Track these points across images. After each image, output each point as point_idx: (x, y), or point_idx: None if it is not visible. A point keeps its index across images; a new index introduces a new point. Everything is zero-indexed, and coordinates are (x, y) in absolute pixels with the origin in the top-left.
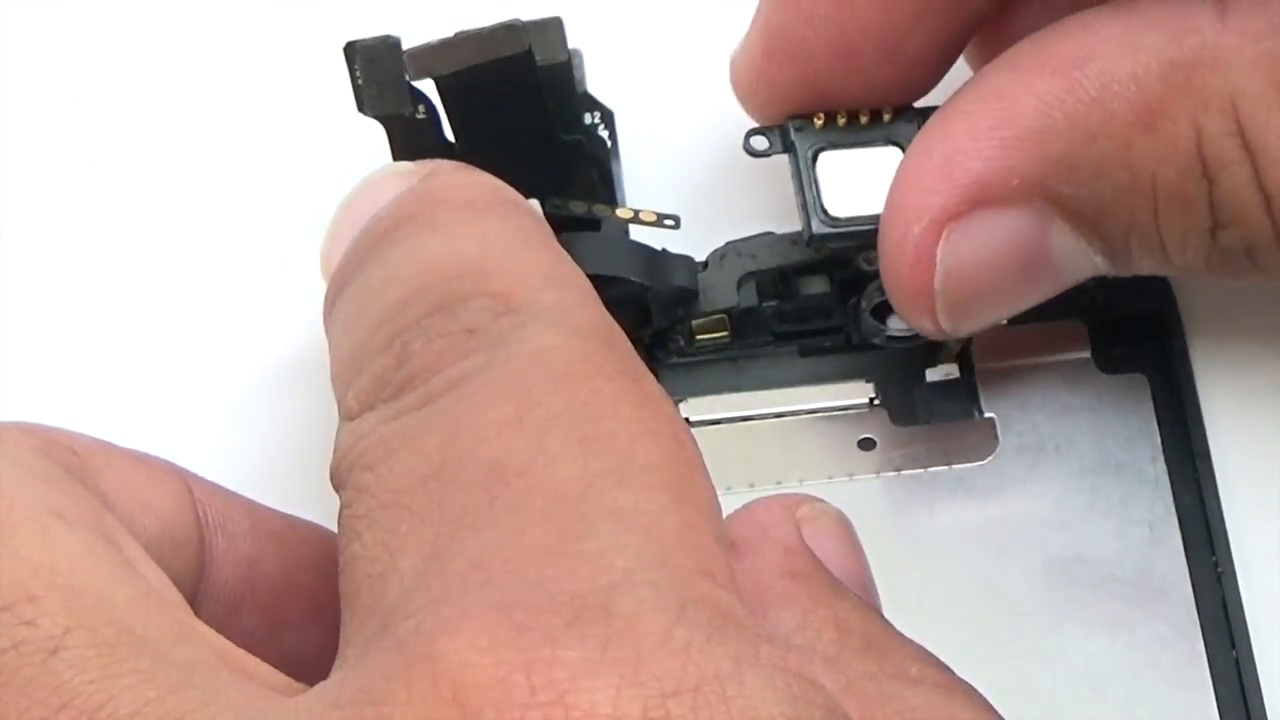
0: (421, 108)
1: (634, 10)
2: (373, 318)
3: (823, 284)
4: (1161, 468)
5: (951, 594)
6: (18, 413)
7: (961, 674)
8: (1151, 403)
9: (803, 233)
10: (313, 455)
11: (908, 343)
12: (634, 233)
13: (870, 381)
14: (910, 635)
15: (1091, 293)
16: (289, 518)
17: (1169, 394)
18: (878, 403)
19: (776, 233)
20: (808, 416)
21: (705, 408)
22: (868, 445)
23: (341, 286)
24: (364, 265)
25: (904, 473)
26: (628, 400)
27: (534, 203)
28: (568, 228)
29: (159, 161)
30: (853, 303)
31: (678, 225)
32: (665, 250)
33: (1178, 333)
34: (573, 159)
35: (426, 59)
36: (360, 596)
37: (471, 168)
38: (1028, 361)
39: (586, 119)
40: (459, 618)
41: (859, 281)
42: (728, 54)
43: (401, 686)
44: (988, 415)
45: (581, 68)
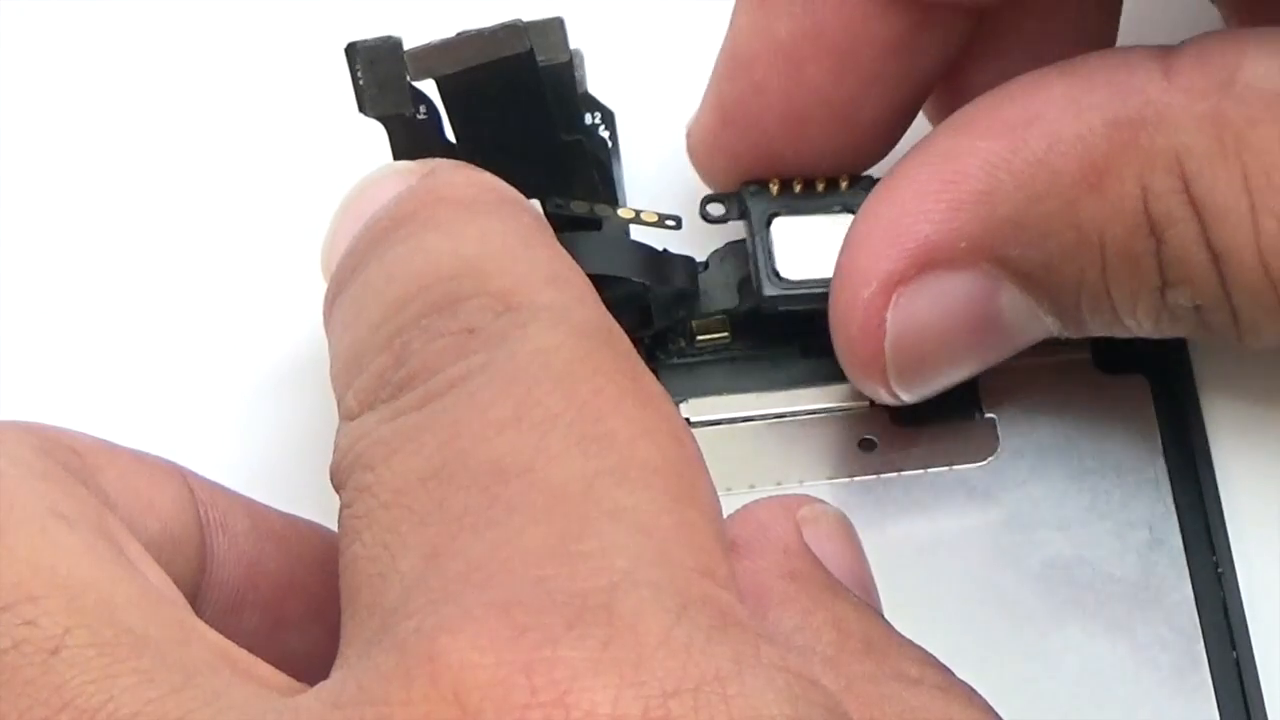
0: (422, 108)
1: (634, 10)
2: (372, 317)
3: None
4: (1162, 469)
5: (951, 595)
6: (19, 412)
7: (961, 675)
8: (1152, 404)
9: (755, 293)
10: (314, 455)
11: None
12: (634, 233)
13: None
14: (910, 637)
15: None
16: (290, 517)
17: (1169, 395)
18: (878, 403)
19: None
20: (808, 417)
21: (705, 408)
22: (868, 446)
23: (341, 286)
24: (363, 264)
25: (904, 473)
26: (628, 400)
27: (535, 203)
28: (569, 228)
29: (160, 161)
30: None
31: (679, 225)
32: (666, 250)
33: None
34: (574, 159)
35: (428, 59)
36: (360, 596)
37: (472, 167)
38: (1028, 363)
39: (587, 119)
40: (459, 617)
41: None
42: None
43: (401, 686)
44: (988, 416)
45: (582, 68)
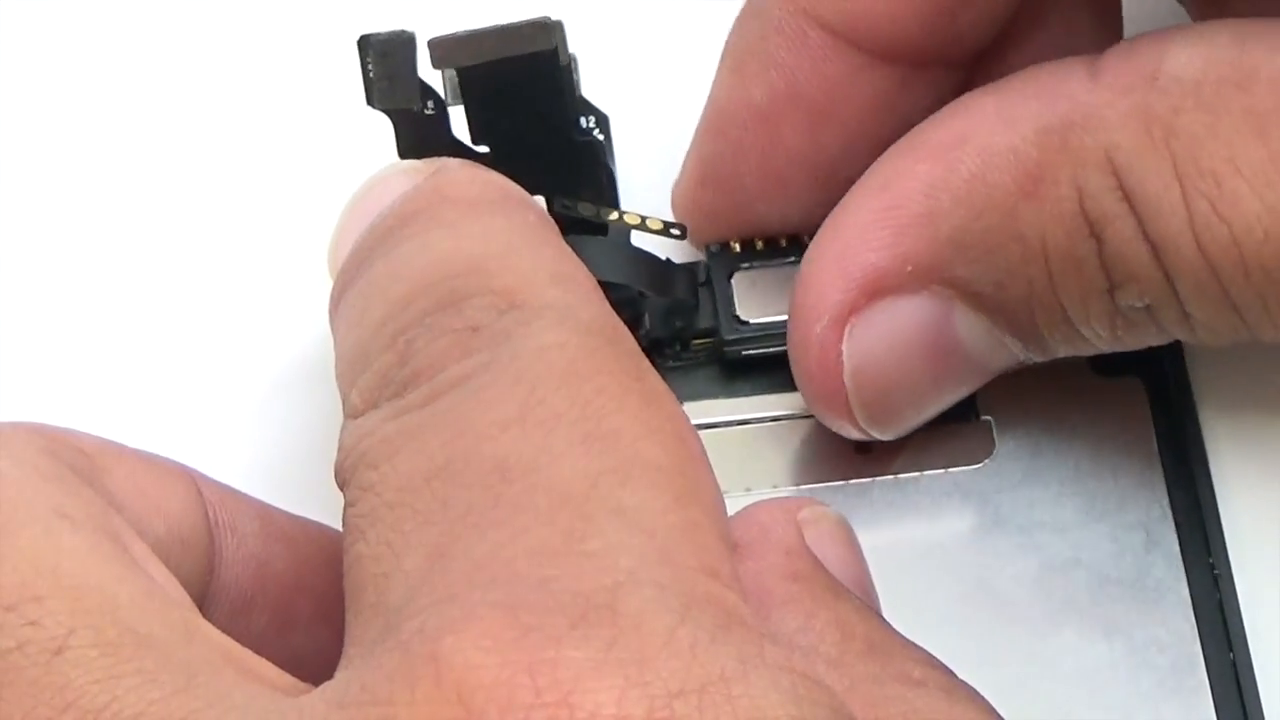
0: (430, 103)
1: (627, 14)
2: (376, 315)
3: None
4: (1158, 471)
5: (948, 598)
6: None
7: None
8: (1148, 406)
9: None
10: (322, 456)
11: None
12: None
13: None
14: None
15: None
16: (299, 519)
17: (1165, 398)
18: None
19: None
20: (804, 420)
21: (701, 411)
22: (864, 449)
23: (347, 284)
24: (369, 262)
25: (900, 476)
26: (632, 398)
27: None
28: (573, 229)
29: (170, 162)
30: None
31: (684, 235)
32: (669, 260)
33: None
34: (585, 160)
35: (451, 49)
36: (364, 595)
37: (478, 165)
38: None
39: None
40: (464, 617)
41: None
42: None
43: (405, 686)
44: (984, 419)
45: (577, 71)
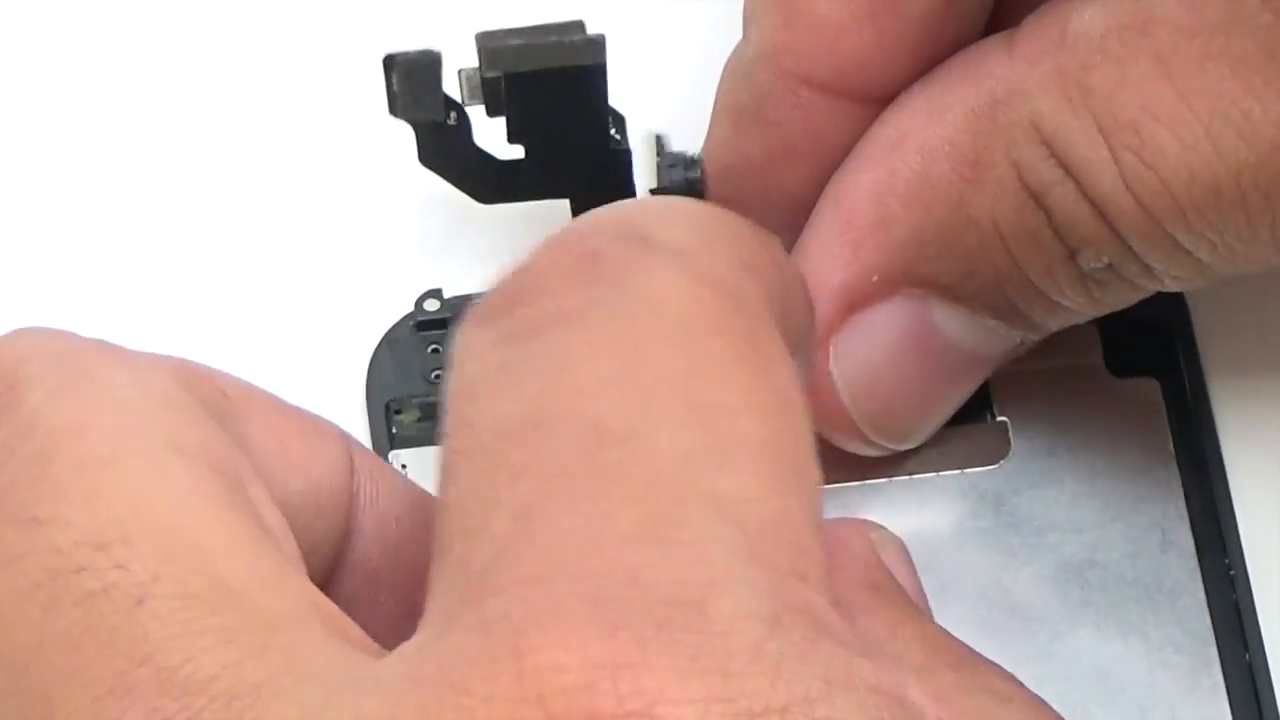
0: (453, 114)
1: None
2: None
3: None
4: (1173, 472)
5: (964, 598)
6: None
7: None
8: (1163, 407)
9: None
10: None
11: None
12: None
13: None
14: None
15: None
16: None
17: (1180, 398)
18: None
19: None
20: None
21: None
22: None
23: None
24: None
25: (916, 477)
26: (741, 366)
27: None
28: None
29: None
30: None
31: None
32: None
33: (1189, 337)
34: (614, 168)
35: (502, 56)
36: (452, 549)
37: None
38: (1040, 366)
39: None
40: (550, 611)
41: None
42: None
43: (485, 678)
44: (1000, 419)
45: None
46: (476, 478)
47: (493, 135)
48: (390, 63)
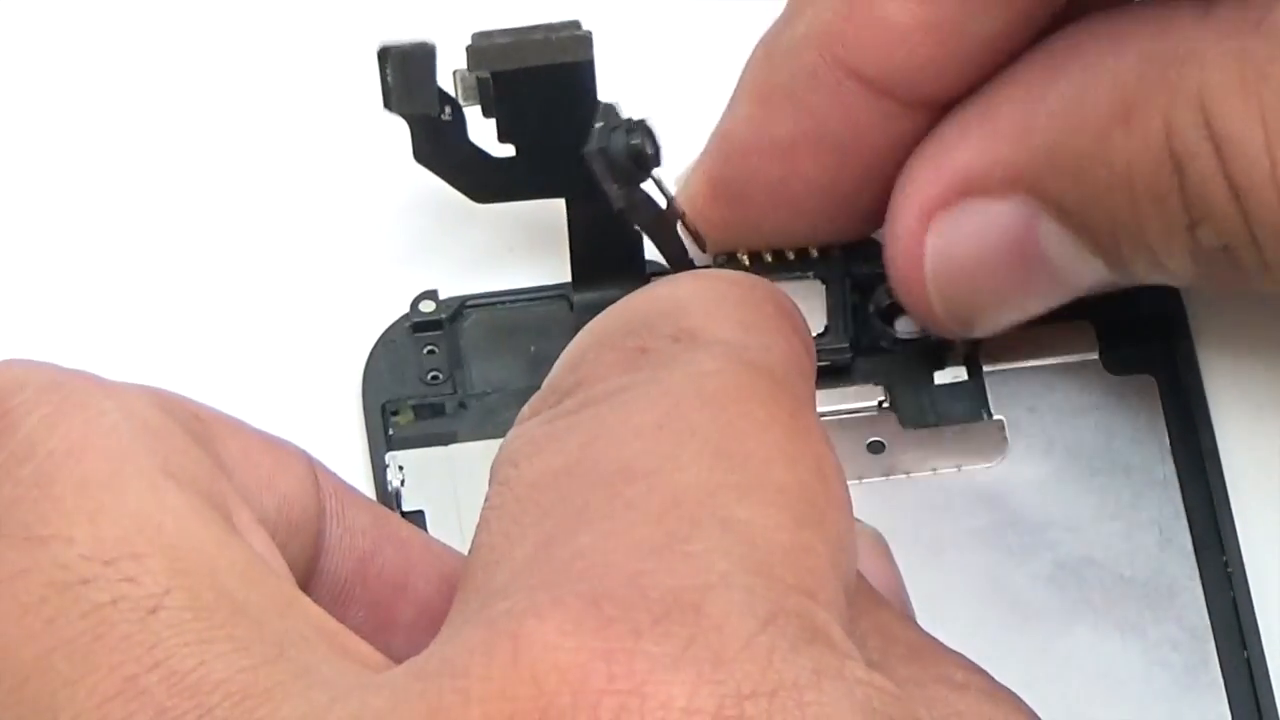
0: (447, 109)
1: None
2: (576, 342)
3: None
4: (1170, 469)
5: (961, 596)
6: None
7: None
8: (1160, 404)
9: None
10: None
11: (916, 345)
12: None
13: (879, 385)
14: None
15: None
16: (417, 530)
17: (1177, 395)
18: (887, 406)
19: None
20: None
21: None
22: (877, 448)
23: None
24: None
25: (913, 475)
26: (777, 429)
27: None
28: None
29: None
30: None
31: (704, 247)
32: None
33: (1185, 334)
34: None
35: (488, 55)
36: (473, 580)
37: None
38: (1036, 363)
39: None
40: (550, 603)
41: (865, 288)
42: (733, 57)
43: (482, 661)
44: (996, 417)
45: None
46: (506, 523)
47: (491, 136)
48: (385, 54)
